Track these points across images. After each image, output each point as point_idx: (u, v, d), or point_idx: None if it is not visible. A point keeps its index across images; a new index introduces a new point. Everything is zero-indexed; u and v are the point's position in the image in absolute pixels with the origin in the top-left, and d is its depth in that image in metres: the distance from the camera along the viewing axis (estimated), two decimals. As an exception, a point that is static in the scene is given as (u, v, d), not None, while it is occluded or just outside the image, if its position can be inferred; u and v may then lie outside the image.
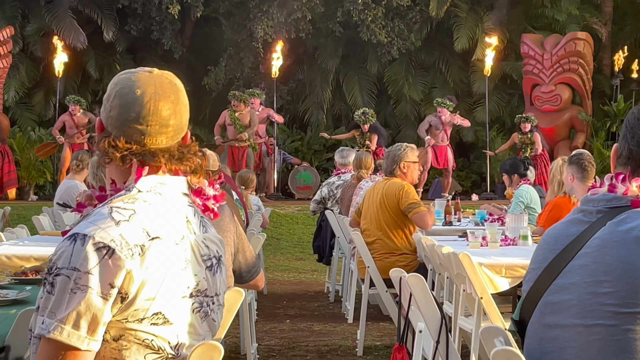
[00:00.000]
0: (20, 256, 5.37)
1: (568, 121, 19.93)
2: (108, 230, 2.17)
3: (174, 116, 2.38)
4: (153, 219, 2.27)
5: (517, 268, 5.27)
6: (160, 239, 2.25)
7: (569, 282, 1.67)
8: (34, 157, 19.24)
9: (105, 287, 2.12)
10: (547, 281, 1.78)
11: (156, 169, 2.36)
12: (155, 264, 2.21)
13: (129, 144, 2.34)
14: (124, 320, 2.18)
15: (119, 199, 2.28)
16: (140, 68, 2.45)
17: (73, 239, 2.16)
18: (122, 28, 22.13)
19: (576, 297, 1.62)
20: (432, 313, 3.76)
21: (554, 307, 1.69)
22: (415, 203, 7.55)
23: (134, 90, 2.34)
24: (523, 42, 20.29)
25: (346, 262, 9.73)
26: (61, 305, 2.11)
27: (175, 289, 2.26)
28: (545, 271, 1.78)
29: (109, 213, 2.22)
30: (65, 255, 2.15)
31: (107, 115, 2.37)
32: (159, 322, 2.22)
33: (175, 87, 2.42)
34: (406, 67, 22.57)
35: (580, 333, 1.56)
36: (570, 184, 7.25)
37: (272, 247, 14.60)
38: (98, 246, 2.14)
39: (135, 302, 2.17)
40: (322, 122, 22.36)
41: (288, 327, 8.55)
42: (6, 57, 19.79)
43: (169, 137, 2.38)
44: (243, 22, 21.97)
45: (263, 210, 11.12)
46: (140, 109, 2.33)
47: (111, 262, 2.13)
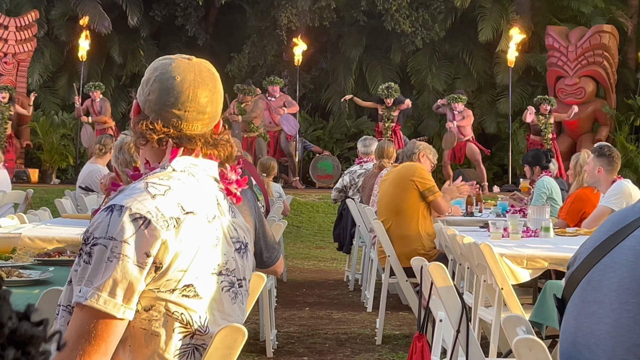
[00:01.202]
0: (43, 238, 5.39)
1: (592, 114, 19.84)
2: (144, 202, 2.22)
3: (210, 104, 2.42)
4: (187, 195, 2.31)
5: (538, 259, 5.26)
6: (195, 214, 2.28)
7: (615, 261, 1.67)
8: (56, 140, 19.37)
9: (141, 256, 2.16)
10: (594, 259, 1.78)
11: (190, 151, 2.40)
12: (189, 237, 2.24)
13: (166, 128, 2.38)
14: (155, 289, 2.21)
15: (154, 175, 2.33)
16: (179, 55, 2.49)
17: (110, 210, 2.21)
18: (147, 13, 22.19)
19: (617, 276, 1.62)
20: (453, 302, 3.75)
21: (596, 283, 1.69)
22: (434, 187, 7.75)
23: (173, 76, 2.38)
24: (548, 34, 20.19)
25: (366, 251, 9.73)
26: (98, 274, 2.14)
27: (206, 264, 2.30)
28: (595, 250, 1.79)
29: (145, 187, 2.27)
30: (103, 225, 2.19)
31: (145, 99, 2.41)
32: (190, 294, 2.25)
33: (213, 76, 2.46)
34: (430, 58, 22.51)
35: (615, 310, 1.56)
36: (597, 175, 7.22)
37: (292, 235, 14.61)
38: (135, 217, 2.18)
39: (169, 273, 2.20)
40: (344, 111, 22.35)
41: (307, 314, 8.57)
42: (31, 40, 19.90)
43: (205, 124, 2.42)
44: (267, 10, 21.98)
45: (284, 197, 11.13)
46: (179, 95, 2.37)
47: (147, 232, 2.17)
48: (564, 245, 5.85)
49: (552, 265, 5.33)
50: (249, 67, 22.30)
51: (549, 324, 4.88)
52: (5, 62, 19.42)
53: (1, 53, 19.43)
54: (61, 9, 21.90)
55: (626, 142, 19.14)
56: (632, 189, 7.15)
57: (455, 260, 6.79)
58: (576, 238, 6.45)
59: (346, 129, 21.91)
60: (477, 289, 5.72)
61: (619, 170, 7.46)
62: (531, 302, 5.80)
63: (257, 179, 8.39)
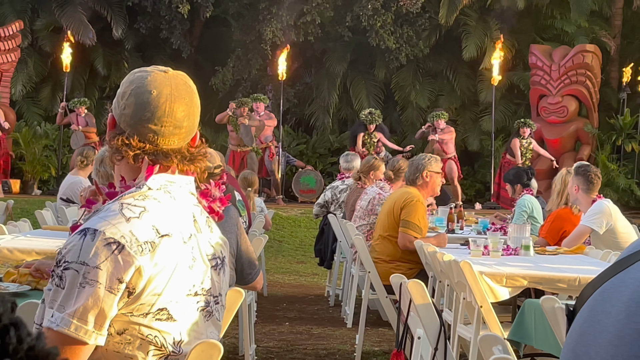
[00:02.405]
0: (22, 249, 5.37)
1: (574, 133, 19.92)
2: (118, 226, 2.18)
3: (187, 118, 2.38)
4: (163, 217, 2.28)
5: (517, 278, 5.27)
6: (170, 236, 2.26)
7: (630, 276, 1.68)
8: (38, 151, 19.30)
9: (114, 282, 2.14)
10: (610, 273, 1.79)
11: (166, 168, 2.38)
12: (164, 260, 2.22)
13: (142, 143, 2.34)
14: (128, 314, 2.19)
15: (129, 195, 2.29)
16: (155, 67, 2.45)
17: (83, 234, 2.18)
18: (132, 26, 22.17)
19: (629, 290, 1.63)
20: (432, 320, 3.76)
21: (607, 295, 1.69)
22: (414, 225, 7.45)
23: (149, 90, 2.35)
24: (531, 52, 20.29)
25: (347, 267, 9.73)
26: (70, 299, 2.12)
27: (181, 286, 2.28)
28: (613, 265, 1.80)
29: (120, 209, 2.23)
30: (75, 249, 2.16)
31: (121, 113, 2.37)
32: (163, 317, 2.23)
33: (189, 89, 2.43)
34: (414, 74, 22.58)
35: (620, 321, 1.57)
36: (575, 194, 7.25)
37: (273, 250, 14.60)
38: (108, 241, 2.15)
39: (142, 297, 2.19)
40: (327, 126, 22.38)
41: (287, 329, 8.55)
42: (15, 51, 19.84)
43: (181, 138, 2.39)
44: (252, 24, 21.99)
45: (266, 211, 11.12)
46: (156, 110, 2.33)
47: (120, 258, 2.15)
48: (543, 264, 5.86)
49: (532, 283, 5.34)
50: (233, 81, 22.31)
51: (527, 343, 4.89)
52: (-11, 72, 19.36)
53: (-16, 63, 19.37)
54: (45, 19, 21.85)
55: (608, 161, 19.23)
56: (612, 209, 7.17)
57: (435, 277, 6.80)
58: (556, 257, 6.47)
59: (329, 144, 21.93)
60: (456, 307, 5.73)
61: (600, 190, 7.49)
62: (510, 320, 5.80)
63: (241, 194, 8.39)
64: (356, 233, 8.07)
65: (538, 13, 22.29)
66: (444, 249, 6.74)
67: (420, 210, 7.51)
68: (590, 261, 6.14)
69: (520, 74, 21.81)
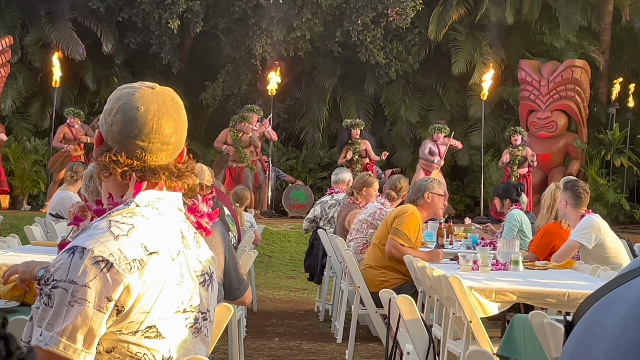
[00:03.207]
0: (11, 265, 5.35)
1: (563, 148, 19.99)
2: (107, 244, 2.18)
3: (175, 134, 2.38)
4: (151, 234, 2.27)
5: (507, 293, 5.27)
6: (158, 253, 2.25)
7: (629, 290, 1.68)
8: (28, 166, 19.26)
9: (103, 301, 2.13)
10: (610, 287, 1.79)
11: (154, 184, 2.37)
12: (153, 278, 2.21)
13: (130, 160, 2.33)
14: (117, 332, 2.18)
15: (117, 213, 2.28)
16: (141, 83, 2.44)
17: (71, 252, 2.16)
18: (121, 41, 22.16)
19: (627, 303, 1.63)
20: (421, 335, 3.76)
21: (605, 308, 1.70)
22: (403, 234, 7.49)
23: (137, 106, 2.34)
24: (520, 67, 20.37)
25: (337, 282, 9.72)
26: (59, 318, 2.11)
27: (170, 303, 2.27)
28: (614, 279, 1.80)
29: (108, 227, 2.23)
30: (63, 267, 2.15)
31: (108, 129, 2.36)
32: (151, 335, 2.22)
33: (177, 105, 2.42)
34: (403, 89, 22.64)
35: (617, 333, 1.57)
36: (563, 209, 7.27)
37: (263, 265, 14.58)
38: (97, 260, 2.14)
39: (131, 315, 2.18)
40: (317, 141, 22.42)
41: (277, 345, 8.53)
42: (4, 66, 19.82)
43: (169, 154, 2.39)
44: (242, 39, 22.02)
45: (256, 227, 11.11)
46: (143, 126, 2.32)
47: (109, 276, 2.13)
48: (532, 278, 5.87)
49: (521, 298, 5.35)
50: (223, 96, 22.33)
51: (516, 358, 4.90)
52: (-21, 87, 19.34)
53: (-26, 78, 19.34)
54: (35, 35, 21.83)
55: (597, 176, 19.29)
56: (601, 223, 7.19)
57: (425, 292, 6.80)
58: (545, 272, 6.48)
59: (319, 159, 21.95)
60: (446, 322, 5.73)
61: (590, 205, 7.51)
62: (500, 335, 5.81)
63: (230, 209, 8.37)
64: (346, 248, 8.08)
65: (527, 28, 22.38)
66: (433, 264, 6.74)
67: (413, 222, 7.55)
68: (579, 276, 6.16)
69: (510, 89, 21.89)
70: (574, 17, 21.52)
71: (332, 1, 21.14)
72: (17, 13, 21.99)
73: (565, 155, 20.22)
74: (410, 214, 7.56)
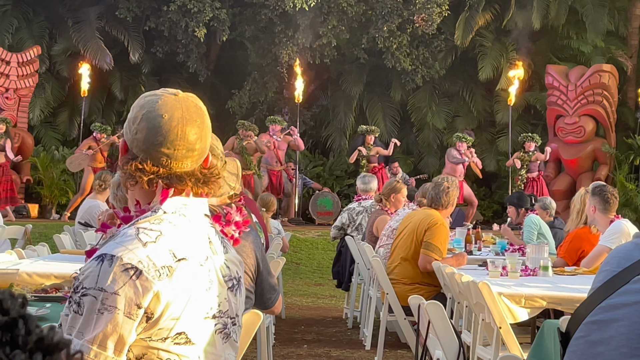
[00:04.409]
0: (41, 274, 5.39)
1: (591, 153, 19.87)
2: (135, 251, 2.17)
3: (199, 140, 2.37)
4: (179, 240, 2.27)
5: (536, 298, 5.24)
6: (187, 260, 2.25)
7: (622, 302, 1.67)
8: (56, 176, 19.37)
9: (132, 308, 2.13)
10: (599, 299, 1.78)
11: (180, 191, 2.36)
12: (181, 284, 2.21)
13: (156, 167, 2.33)
14: (147, 338, 2.18)
15: (145, 220, 2.28)
16: (164, 90, 2.43)
17: (100, 260, 2.16)
18: (148, 50, 22.28)
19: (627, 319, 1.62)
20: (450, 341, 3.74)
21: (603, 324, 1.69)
22: (436, 247, 7.42)
23: (161, 114, 2.33)
24: (548, 73, 20.27)
25: (365, 288, 9.71)
26: (89, 326, 2.11)
27: (199, 309, 2.27)
28: (599, 289, 1.79)
29: (136, 234, 2.22)
30: (92, 275, 2.15)
31: (133, 138, 2.36)
32: (181, 341, 2.22)
33: (200, 111, 2.41)
34: (430, 95, 22.59)
35: (623, 354, 1.56)
36: (592, 215, 7.23)
37: (291, 272, 14.58)
38: (125, 267, 2.14)
39: (160, 322, 2.18)
40: (344, 148, 22.40)
41: (305, 352, 8.53)
42: (32, 76, 19.98)
43: (194, 161, 2.38)
44: (268, 47, 22.07)
45: (283, 234, 11.12)
46: (168, 134, 2.32)
47: (138, 283, 2.14)
48: (562, 284, 5.84)
49: (551, 304, 5.32)
50: (250, 104, 22.37)
51: (547, 364, 4.86)
52: (7, 97, 19.48)
53: (2, 88, 19.49)
54: (63, 44, 21.98)
55: (626, 181, 19.15)
56: (631, 228, 7.14)
57: (454, 298, 6.77)
58: (575, 277, 6.44)
59: (346, 166, 21.94)
60: (475, 328, 5.70)
61: (619, 210, 7.46)
62: (529, 341, 5.78)
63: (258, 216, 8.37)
64: (374, 255, 8.06)
65: (554, 33, 22.29)
66: (462, 269, 6.71)
67: (444, 234, 7.51)
68: (610, 281, 6.11)
69: (537, 94, 21.80)
70: (601, 21, 21.42)
71: (358, 8, 21.15)
72: (45, 23, 22.16)
73: (594, 160, 20.10)
74: (440, 225, 7.50)
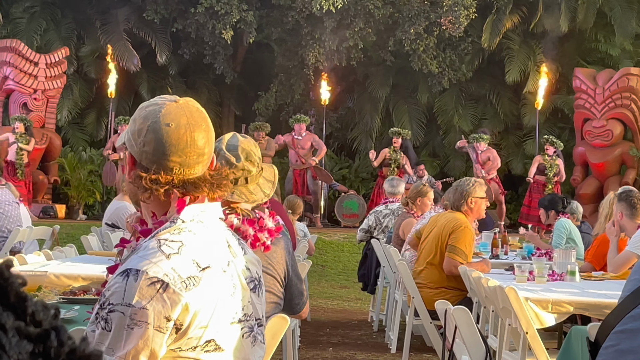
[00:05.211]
0: (69, 275, 5.41)
1: (619, 157, 19.75)
2: (160, 264, 2.17)
3: (207, 144, 2.37)
4: (201, 249, 2.27)
5: (563, 304, 5.22)
6: (210, 268, 2.25)
7: None
8: (84, 177, 19.49)
9: (162, 321, 2.13)
10: (628, 307, 1.77)
11: (195, 198, 2.36)
12: (207, 293, 2.21)
13: (169, 177, 2.32)
14: (177, 349, 2.18)
15: (165, 231, 2.27)
16: (162, 98, 2.42)
17: (125, 275, 2.16)
18: (175, 51, 22.36)
19: None
20: (477, 346, 3.73)
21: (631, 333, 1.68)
22: (461, 251, 7.38)
23: (167, 123, 2.32)
24: (575, 76, 20.16)
25: (390, 292, 9.70)
26: (119, 342, 2.11)
27: (225, 315, 2.27)
28: (628, 297, 1.78)
29: (158, 246, 2.21)
30: (119, 291, 2.14)
31: (141, 151, 2.34)
32: (211, 349, 2.22)
33: (203, 114, 2.40)
34: (456, 98, 22.54)
35: None
36: (619, 221, 7.18)
37: (317, 274, 14.59)
38: (152, 281, 2.14)
39: (189, 332, 2.18)
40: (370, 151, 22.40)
41: (331, 355, 8.53)
42: (60, 77, 20.10)
43: (204, 165, 2.38)
44: (295, 49, 22.10)
45: (309, 236, 11.13)
46: (178, 142, 2.31)
47: (166, 296, 2.13)
48: (590, 289, 5.81)
49: (578, 310, 5.29)
50: (276, 106, 22.40)
51: (574, 370, 4.84)
52: (35, 98, 19.60)
53: (31, 89, 19.61)
54: (91, 46, 22.13)
55: (654, 185, 19.03)
56: None
57: (480, 303, 6.75)
58: (602, 282, 6.41)
59: (372, 169, 21.90)
60: (501, 333, 5.68)
61: (646, 214, 7.40)
62: (556, 346, 5.75)
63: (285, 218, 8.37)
64: (400, 258, 8.05)
65: (582, 36, 22.19)
66: (488, 274, 6.69)
67: (468, 237, 7.46)
68: (637, 287, 6.07)
69: (564, 97, 21.70)
70: (629, 24, 21.30)
71: (385, 10, 21.13)
72: (73, 25, 22.31)
73: (621, 164, 19.98)
74: (464, 228, 7.45)
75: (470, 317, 3.82)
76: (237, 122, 23.33)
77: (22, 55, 19.56)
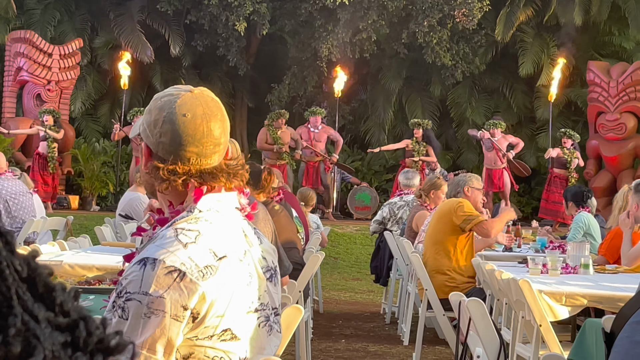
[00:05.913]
0: (83, 265, 5.44)
1: (632, 150, 19.68)
2: (177, 253, 2.17)
3: (223, 134, 2.38)
4: (217, 238, 2.27)
5: (577, 297, 5.22)
6: (227, 257, 2.26)
7: None
8: (97, 168, 19.53)
9: (179, 310, 2.13)
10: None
11: (212, 187, 2.37)
12: (224, 282, 2.22)
13: (187, 167, 2.32)
14: (194, 337, 2.19)
15: (182, 220, 2.28)
16: (177, 88, 2.43)
17: (143, 264, 2.16)
18: (189, 43, 22.36)
19: None
20: (491, 338, 3.74)
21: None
22: (471, 215, 7.52)
23: (183, 113, 2.33)
24: (589, 69, 20.09)
25: (403, 284, 9.70)
26: (136, 330, 2.12)
27: (242, 304, 2.28)
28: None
29: (175, 235, 2.22)
30: (136, 280, 2.15)
31: (157, 141, 2.35)
32: (227, 338, 2.23)
33: (218, 104, 2.42)
34: (470, 91, 22.49)
35: None
36: (635, 212, 7.16)
37: (329, 266, 14.60)
38: (169, 270, 2.14)
39: (205, 320, 2.18)
40: (383, 143, 22.33)
41: (343, 346, 8.54)
42: (74, 68, 20.15)
43: (220, 155, 2.39)
44: (308, 41, 22.07)
45: (322, 228, 11.14)
46: (195, 132, 2.32)
47: (183, 285, 2.14)
48: (603, 282, 5.80)
49: (592, 302, 5.28)
50: (289, 98, 22.39)
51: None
52: (49, 89, 19.66)
53: (45, 80, 19.67)
54: (104, 37, 22.15)
55: (667, 178, 18.96)
56: None
57: (493, 295, 6.75)
58: (616, 275, 6.40)
59: (384, 161, 21.91)
60: (515, 325, 5.68)
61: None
62: (570, 339, 5.75)
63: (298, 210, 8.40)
64: (413, 250, 8.05)
65: (596, 29, 22.10)
66: (502, 266, 6.68)
67: (467, 205, 7.65)
68: (652, 280, 6.06)
69: (578, 90, 21.63)
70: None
71: (399, 3, 21.08)
72: (87, 16, 22.33)
73: (635, 157, 19.91)
74: (460, 201, 7.69)
75: (485, 310, 3.82)
76: (249, 114, 23.34)
77: (36, 46, 19.62)
